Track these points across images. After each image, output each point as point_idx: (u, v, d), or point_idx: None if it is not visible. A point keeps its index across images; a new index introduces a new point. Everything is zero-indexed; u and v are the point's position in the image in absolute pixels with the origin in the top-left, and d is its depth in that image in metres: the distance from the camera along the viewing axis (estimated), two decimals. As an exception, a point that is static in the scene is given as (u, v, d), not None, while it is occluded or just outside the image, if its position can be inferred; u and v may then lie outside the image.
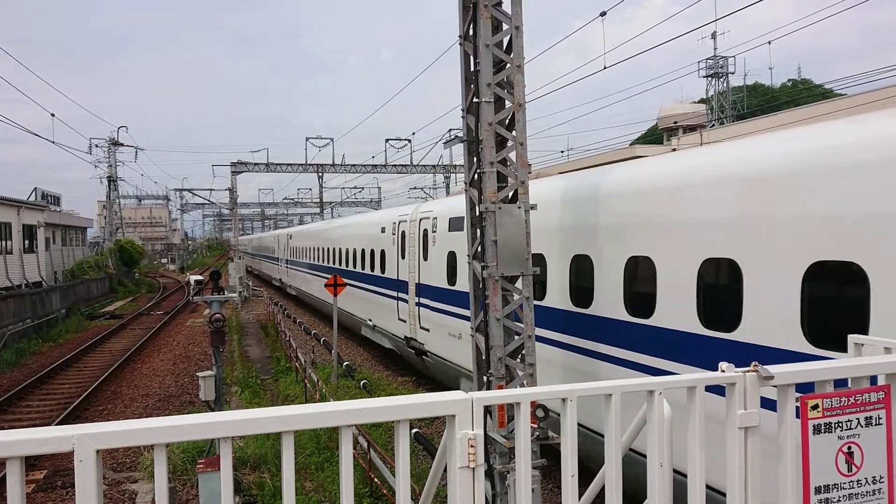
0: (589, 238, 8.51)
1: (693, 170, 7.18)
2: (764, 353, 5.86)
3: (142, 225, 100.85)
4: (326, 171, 46.55)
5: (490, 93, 7.25)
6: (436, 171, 48.41)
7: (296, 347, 19.38)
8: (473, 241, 7.73)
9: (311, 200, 74.76)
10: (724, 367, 2.80)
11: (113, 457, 11.71)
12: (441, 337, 13.99)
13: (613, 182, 8.39)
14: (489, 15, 7.27)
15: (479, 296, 7.62)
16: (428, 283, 14.77)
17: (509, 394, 2.75)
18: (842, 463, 2.83)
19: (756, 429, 2.78)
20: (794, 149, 6.00)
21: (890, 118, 5.53)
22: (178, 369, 19.67)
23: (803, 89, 67.01)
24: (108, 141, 56.83)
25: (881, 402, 2.90)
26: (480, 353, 7.61)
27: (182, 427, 2.16)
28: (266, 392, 16.70)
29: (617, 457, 2.76)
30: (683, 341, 6.86)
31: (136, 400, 16.32)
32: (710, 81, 58.98)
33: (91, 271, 43.01)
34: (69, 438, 2.02)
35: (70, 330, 28.13)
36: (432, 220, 14.63)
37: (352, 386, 16.27)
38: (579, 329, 8.68)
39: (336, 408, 2.36)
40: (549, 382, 8.42)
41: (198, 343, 23.93)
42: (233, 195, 46.24)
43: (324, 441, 11.34)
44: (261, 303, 38.96)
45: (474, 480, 2.48)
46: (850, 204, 5.28)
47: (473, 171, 7.53)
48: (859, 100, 7.70)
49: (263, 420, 2.28)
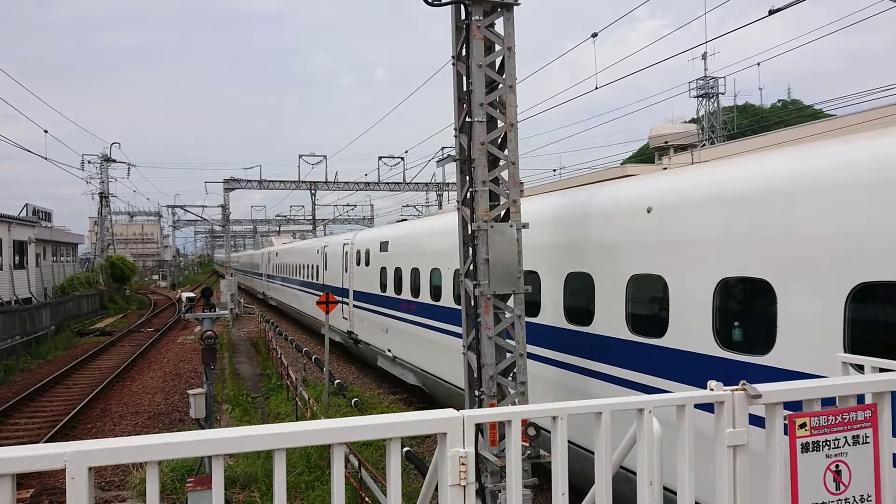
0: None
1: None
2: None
3: (133, 241, 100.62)
4: (319, 188, 46.63)
5: (482, 112, 7.31)
6: (428, 188, 48.58)
7: (287, 365, 19.30)
8: (465, 259, 7.75)
9: (303, 217, 74.75)
10: (712, 386, 2.83)
11: (101, 475, 11.59)
12: (369, 329, 18.72)
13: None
14: (482, 36, 7.35)
15: (470, 314, 7.63)
16: (363, 290, 19.51)
17: (500, 412, 2.77)
18: (830, 481, 2.85)
19: (745, 447, 2.81)
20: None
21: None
22: (169, 387, 19.54)
23: (793, 109, 67.67)
24: (101, 157, 56.77)
25: (868, 420, 2.93)
26: (472, 370, 7.61)
27: (175, 444, 2.17)
28: (257, 410, 16.61)
29: (607, 475, 2.78)
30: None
31: (125, 418, 16.18)
32: (700, 101, 59.50)
33: (81, 288, 42.73)
34: (61, 455, 2.02)
35: (59, 347, 27.91)
36: (368, 245, 19.16)
37: (343, 404, 16.20)
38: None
39: (328, 426, 2.36)
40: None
41: (188, 360, 23.78)
42: (225, 212, 46.17)
43: (314, 459, 11.28)
44: (252, 320, 38.79)
45: (465, 499, 2.48)
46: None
47: (466, 189, 7.57)
48: (849, 120, 7.81)
49: (256, 437, 2.28)
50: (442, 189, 48.06)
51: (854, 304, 5.23)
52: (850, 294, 5.23)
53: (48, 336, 29.30)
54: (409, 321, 15.33)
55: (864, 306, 5.26)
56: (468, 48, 7.42)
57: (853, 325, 5.23)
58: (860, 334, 5.22)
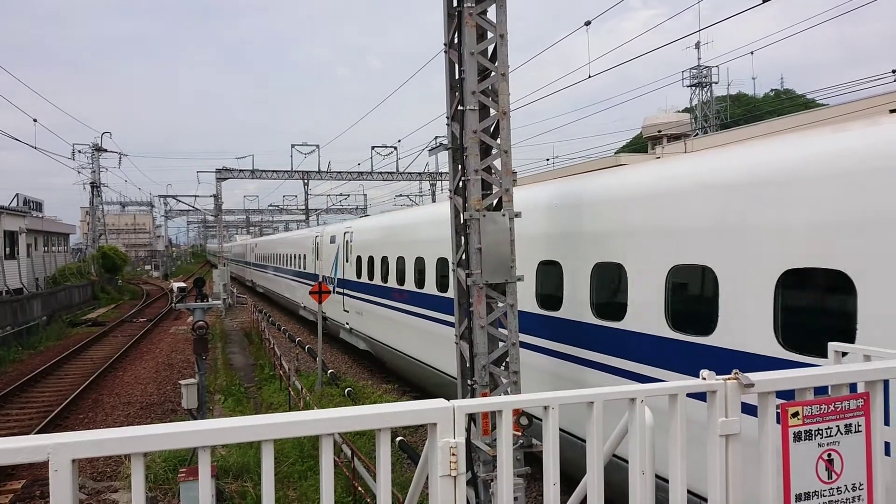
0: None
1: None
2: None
3: (125, 231, 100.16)
4: (312, 178, 46.43)
5: (475, 101, 7.26)
6: (422, 178, 48.46)
7: (280, 355, 19.26)
8: (458, 248, 7.71)
9: (296, 207, 74.55)
10: (705, 375, 2.81)
11: (93, 466, 11.56)
12: (333, 306, 21.59)
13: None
14: (474, 23, 7.29)
15: (463, 303, 7.60)
16: (329, 276, 22.87)
17: (490, 402, 2.74)
18: (822, 470, 2.84)
19: (737, 436, 2.79)
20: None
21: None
22: (161, 377, 19.48)
23: (786, 99, 67.76)
24: (92, 147, 56.40)
25: (860, 409, 2.92)
26: (465, 360, 7.59)
27: (159, 436, 2.13)
28: (249, 400, 16.58)
29: (599, 464, 2.76)
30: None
31: (117, 408, 16.13)
32: (694, 91, 59.35)
33: (73, 278, 42.55)
34: (44, 448, 1.98)
35: (51, 337, 27.77)
36: (333, 236, 22.65)
37: (336, 394, 16.19)
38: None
39: (315, 416, 2.33)
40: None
41: (181, 351, 23.71)
42: (217, 201, 45.95)
43: (307, 449, 11.27)
44: (245, 310, 38.71)
45: (455, 489, 2.46)
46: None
47: (458, 178, 7.52)
48: (841, 109, 7.79)
49: (242, 429, 2.25)
50: (435, 178, 47.92)
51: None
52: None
53: (40, 327, 29.14)
54: (360, 299, 19.07)
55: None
56: (460, 36, 7.36)
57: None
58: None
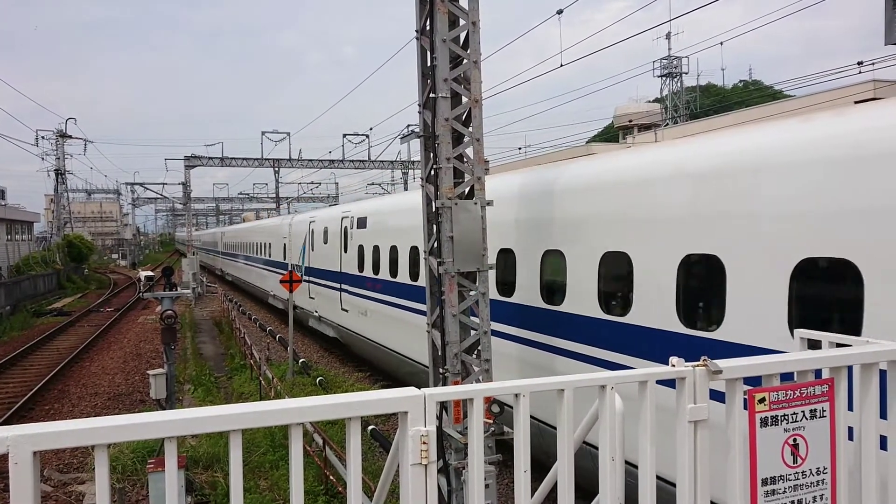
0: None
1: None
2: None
3: (91, 220, 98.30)
4: (283, 165, 45.93)
5: (447, 88, 7.22)
6: (393, 166, 48.22)
7: (250, 344, 19.11)
8: (430, 237, 7.69)
9: (266, 196, 73.78)
10: (674, 362, 2.83)
11: (59, 457, 11.38)
12: (299, 294, 21.19)
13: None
14: (446, 10, 7.24)
15: (435, 292, 7.59)
16: (297, 264, 23.38)
17: (461, 390, 2.73)
18: (787, 455, 2.89)
19: (705, 422, 2.82)
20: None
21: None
22: (129, 367, 19.21)
23: (754, 90, 68.58)
24: (56, 133, 55.18)
25: (825, 394, 2.97)
26: (436, 348, 7.59)
27: (123, 427, 2.09)
28: (220, 390, 16.42)
29: (569, 452, 2.77)
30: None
31: (84, 399, 15.89)
32: (664, 81, 59.81)
33: (38, 267, 41.73)
34: (3, 440, 1.93)
35: (15, 327, 27.23)
36: (299, 226, 23.68)
37: (307, 383, 16.11)
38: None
39: (284, 405, 2.30)
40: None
41: (149, 340, 23.39)
42: (186, 189, 45.29)
43: (279, 439, 11.19)
44: (215, 300, 38.30)
45: (426, 477, 2.45)
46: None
47: (430, 166, 7.49)
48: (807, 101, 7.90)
49: (209, 419, 2.21)
50: (407, 167, 47.73)
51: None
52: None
53: (3, 317, 28.56)
54: (320, 284, 20.38)
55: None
56: (432, 22, 7.31)
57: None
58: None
